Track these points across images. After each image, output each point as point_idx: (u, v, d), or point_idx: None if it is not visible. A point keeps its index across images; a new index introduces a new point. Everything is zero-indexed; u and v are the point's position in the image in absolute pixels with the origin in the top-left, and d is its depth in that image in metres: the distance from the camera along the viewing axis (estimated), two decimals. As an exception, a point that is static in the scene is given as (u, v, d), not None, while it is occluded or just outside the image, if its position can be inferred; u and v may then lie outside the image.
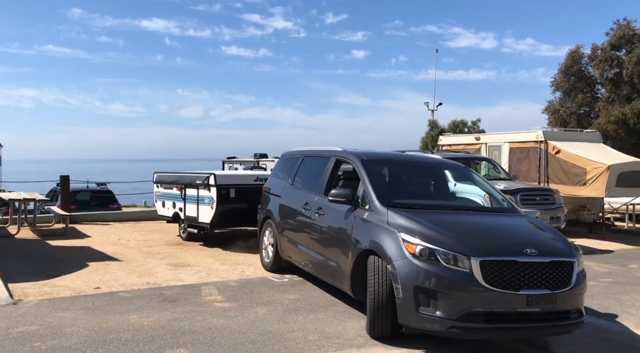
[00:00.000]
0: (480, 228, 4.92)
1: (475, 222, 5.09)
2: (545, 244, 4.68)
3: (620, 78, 24.87)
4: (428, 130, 32.95)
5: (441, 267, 4.31)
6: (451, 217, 5.15)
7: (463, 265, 4.28)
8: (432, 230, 4.61)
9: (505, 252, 4.38)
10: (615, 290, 7.14)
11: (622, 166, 11.50)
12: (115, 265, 7.92)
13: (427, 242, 4.45)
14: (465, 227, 4.85)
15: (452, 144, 15.86)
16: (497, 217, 5.43)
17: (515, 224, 5.17)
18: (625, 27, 24.85)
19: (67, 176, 13.81)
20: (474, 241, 4.50)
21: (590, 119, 26.15)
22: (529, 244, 4.49)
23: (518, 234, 4.89)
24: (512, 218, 5.38)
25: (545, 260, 4.36)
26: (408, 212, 4.98)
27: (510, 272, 4.26)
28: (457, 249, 4.36)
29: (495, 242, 4.62)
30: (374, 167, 5.94)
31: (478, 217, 5.32)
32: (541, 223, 5.41)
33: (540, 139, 12.74)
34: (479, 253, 4.32)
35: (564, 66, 26.31)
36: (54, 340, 4.62)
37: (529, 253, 4.35)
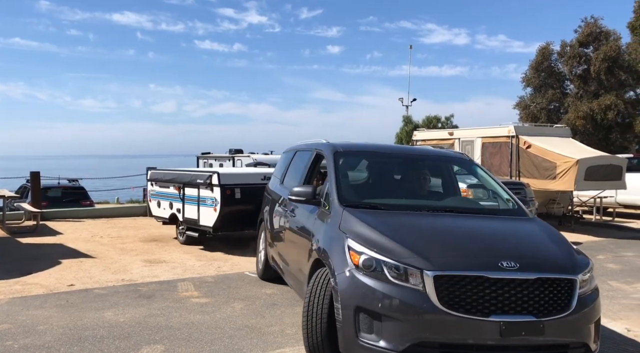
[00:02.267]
0: (454, 234, 3.95)
1: (451, 226, 4.11)
2: (535, 256, 3.74)
3: (588, 74, 25.47)
4: (402, 125, 33.31)
5: (388, 282, 3.45)
6: (424, 220, 4.19)
7: (415, 281, 3.42)
8: (386, 235, 3.73)
9: (471, 264, 3.47)
10: (583, 280, 7.34)
11: (590, 160, 11.80)
12: (89, 262, 7.81)
13: (373, 251, 3.59)
14: (434, 232, 3.94)
15: (426, 139, 16.03)
16: (488, 220, 4.37)
17: (507, 230, 4.18)
18: (592, 25, 25.44)
19: (38, 172, 13.53)
20: (433, 250, 3.59)
21: (560, 114, 26.73)
22: (509, 255, 3.56)
23: (500, 242, 3.90)
24: (508, 222, 4.38)
25: (528, 276, 3.44)
26: (366, 213, 4.15)
27: (477, 292, 3.36)
28: (409, 261, 3.48)
29: (462, 251, 3.65)
30: (348, 161, 5.18)
31: (462, 220, 4.29)
32: (549, 229, 4.28)
33: (512, 134, 12.97)
34: (435, 265, 3.43)
35: (535, 62, 26.80)
36: (26, 338, 4.55)
37: (504, 267, 3.44)
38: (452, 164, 5.62)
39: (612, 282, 7.25)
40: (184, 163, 23.36)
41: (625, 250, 9.92)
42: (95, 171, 50.57)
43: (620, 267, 8.40)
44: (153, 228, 11.32)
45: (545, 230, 4.24)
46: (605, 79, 24.62)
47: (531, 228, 4.26)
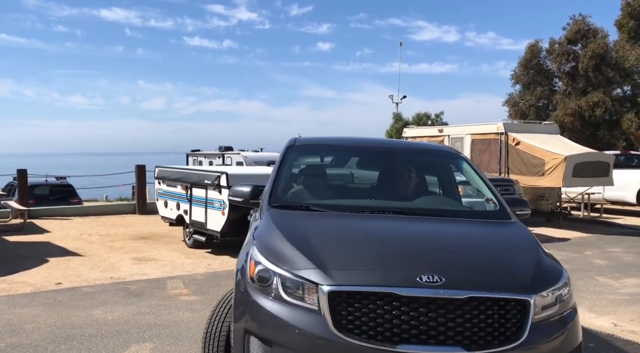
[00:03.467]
0: (383, 241, 3.19)
1: (389, 232, 3.35)
2: (478, 269, 2.91)
3: (576, 71, 25.64)
4: (393, 122, 33.34)
5: (280, 300, 2.78)
6: (360, 223, 3.47)
7: (311, 299, 2.70)
8: (291, 241, 3.04)
9: (380, 278, 2.71)
10: (571, 276, 7.38)
11: (578, 157, 11.90)
12: (77, 261, 7.75)
13: (270, 260, 2.92)
14: (358, 239, 3.20)
15: (416, 136, 16.07)
16: (449, 224, 3.58)
17: (462, 235, 3.42)
18: (580, 22, 25.61)
19: (25, 170, 13.40)
20: (339, 260, 2.88)
21: (549, 111, 26.91)
22: (438, 267, 2.78)
23: (436, 250, 3.10)
24: (475, 226, 3.62)
25: (456, 295, 2.62)
26: (288, 215, 3.51)
27: (384, 314, 2.61)
28: (305, 273, 2.77)
29: (376, 261, 2.89)
30: (302, 155, 4.56)
31: (413, 224, 3.51)
32: (521, 235, 3.46)
33: (501, 130, 13.05)
34: (333, 279, 2.69)
35: (524, 60, 26.94)
36: (13, 337, 4.51)
37: (422, 283, 2.65)
38: (436, 158, 4.72)
39: (600, 278, 7.32)
40: (174, 161, 23.22)
41: (613, 246, 10.02)
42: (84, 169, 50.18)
43: (607, 262, 8.48)
44: (142, 226, 11.26)
45: (516, 236, 3.40)
46: (593, 76, 24.80)
47: (499, 233, 3.46)
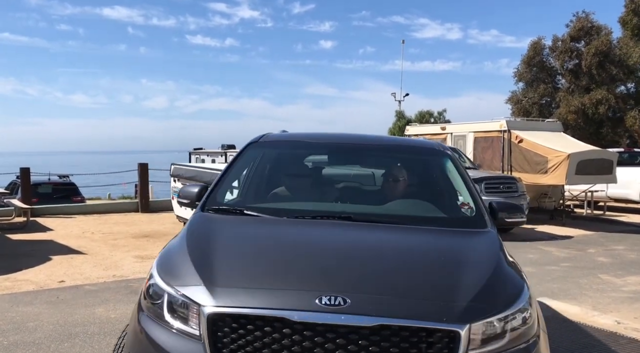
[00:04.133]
0: (303, 253, 2.71)
1: (319, 242, 2.89)
2: (401, 290, 2.37)
3: (579, 69, 25.57)
4: (395, 120, 33.33)
5: (163, 323, 2.38)
6: (292, 231, 3.03)
7: (194, 322, 2.29)
8: (192, 252, 2.64)
9: (270, 299, 2.25)
10: (574, 274, 7.40)
11: (581, 154, 11.86)
12: (79, 259, 7.76)
13: (161, 274, 2.54)
14: (276, 250, 2.75)
15: (419, 134, 16.05)
16: (399, 234, 3.03)
17: (404, 247, 2.88)
18: (584, 19, 25.53)
19: (28, 168, 13.42)
20: (232, 274, 2.46)
21: (552, 108, 26.85)
22: (345, 287, 2.29)
23: (354, 267, 2.56)
24: (433, 236, 3.05)
25: (362, 322, 2.15)
26: (209, 219, 3.14)
27: (273, 342, 2.17)
28: (189, 291, 2.35)
29: (273, 278, 2.42)
30: (266, 153, 4.09)
31: (357, 233, 3.00)
32: (484, 248, 2.89)
33: (504, 128, 13.01)
34: (217, 298, 2.27)
35: (527, 57, 26.88)
36: (16, 335, 4.51)
37: (322, 306, 2.19)
38: (417, 156, 4.14)
39: (603, 275, 7.31)
40: (177, 159, 23.26)
41: (616, 243, 9.99)
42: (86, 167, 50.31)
43: (610, 260, 8.45)
44: (145, 225, 11.27)
45: (475, 250, 2.83)
46: (597, 73, 24.73)
47: (457, 246, 2.90)
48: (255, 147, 3.99)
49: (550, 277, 7.17)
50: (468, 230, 3.16)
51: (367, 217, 3.22)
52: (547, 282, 6.84)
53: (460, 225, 3.25)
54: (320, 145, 4.14)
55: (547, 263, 8.11)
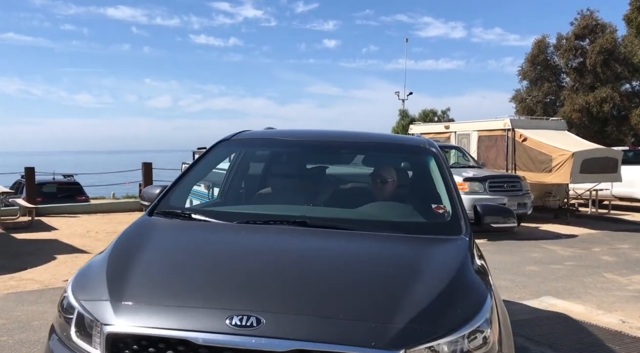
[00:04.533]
0: (222, 265, 2.40)
1: (253, 251, 2.54)
2: (329, 309, 2.04)
3: (584, 67, 25.48)
4: (399, 119, 33.29)
5: (69, 342, 2.13)
6: (233, 238, 2.72)
7: (97, 342, 2.02)
8: (111, 261, 2.40)
9: (175, 318, 1.98)
10: (578, 273, 7.38)
11: (586, 153, 11.81)
12: (84, 258, 7.79)
13: (75, 286, 2.31)
14: (199, 260, 2.44)
15: (423, 132, 16.02)
16: (354, 242, 2.69)
17: (351, 261, 2.49)
18: (588, 17, 25.43)
19: (32, 168, 13.48)
20: (138, 288, 2.17)
21: (556, 107, 26.75)
22: (261, 306, 2.00)
23: (278, 282, 2.21)
24: (394, 244, 2.69)
25: (275, 347, 1.89)
26: (150, 225, 2.89)
27: None
28: (92, 307, 2.10)
29: (184, 294, 2.13)
30: (237, 152, 3.88)
31: (303, 241, 2.68)
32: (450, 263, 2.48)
33: (508, 127, 12.98)
34: (119, 315, 2.02)
35: (531, 55, 26.80)
36: (21, 333, 4.53)
37: (232, 327, 1.92)
38: (399, 155, 3.88)
39: (608, 274, 7.28)
40: (181, 158, 23.30)
41: (621, 242, 9.96)
42: (91, 166, 50.47)
43: (615, 259, 8.43)
44: (149, 223, 11.29)
45: (436, 262, 2.47)
46: (601, 71, 24.63)
47: (417, 256, 2.54)
48: (226, 146, 3.66)
49: (554, 275, 7.15)
50: (437, 237, 2.78)
51: (324, 222, 2.83)
52: (552, 281, 6.82)
53: (430, 232, 2.87)
54: (295, 143, 3.78)
55: (552, 262, 8.09)
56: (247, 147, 3.89)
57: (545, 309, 5.50)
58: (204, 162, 3.53)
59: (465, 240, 2.72)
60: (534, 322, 5.03)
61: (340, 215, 3.07)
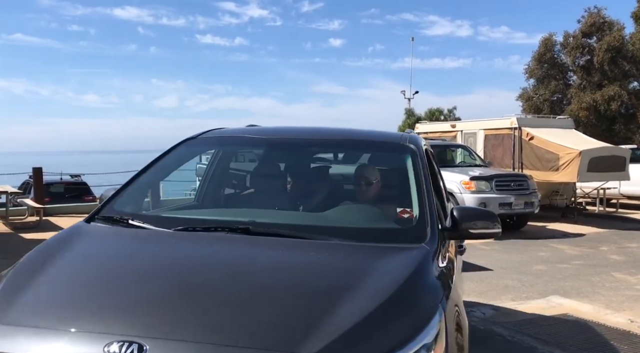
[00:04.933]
0: (124, 281, 2.10)
1: (171, 264, 2.26)
2: (223, 333, 1.75)
3: (591, 65, 25.33)
4: (405, 118, 33.27)
5: None
6: (170, 247, 2.45)
7: None
8: (16, 272, 2.24)
9: (47, 344, 1.73)
10: (586, 272, 7.34)
11: (593, 151, 11.75)
12: (91, 257, 7.83)
13: None
14: (105, 275, 2.18)
15: (429, 131, 15.99)
16: (296, 253, 2.38)
17: (279, 276, 2.18)
18: (595, 15, 25.28)
19: (40, 168, 13.55)
20: (19, 306, 1.93)
21: (563, 105, 26.62)
22: (147, 331, 1.75)
23: (177, 302, 1.92)
24: (330, 256, 2.33)
25: None
26: (80, 231, 2.64)
27: None
28: None
29: (69, 315, 1.87)
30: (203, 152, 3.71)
31: (246, 250, 2.39)
32: (388, 280, 2.09)
33: (515, 125, 12.92)
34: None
35: (537, 54, 26.67)
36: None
37: None
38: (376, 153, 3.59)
39: (616, 274, 7.24)
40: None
41: (629, 241, 9.89)
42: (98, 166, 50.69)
43: (624, 258, 8.37)
44: (156, 223, 11.33)
45: (382, 272, 2.15)
46: (609, 69, 24.48)
47: (359, 267, 2.21)
48: (191, 145, 3.35)
49: (562, 275, 7.12)
50: (392, 245, 2.41)
51: (269, 229, 2.51)
52: (559, 280, 6.79)
53: (387, 239, 2.51)
54: (263, 141, 3.48)
55: (559, 261, 8.05)
56: (214, 146, 3.59)
57: (552, 308, 5.48)
58: (163, 162, 3.21)
59: (425, 250, 2.35)
60: (541, 322, 5.01)
61: (292, 220, 2.74)
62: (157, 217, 2.83)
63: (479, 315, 5.19)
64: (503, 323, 4.95)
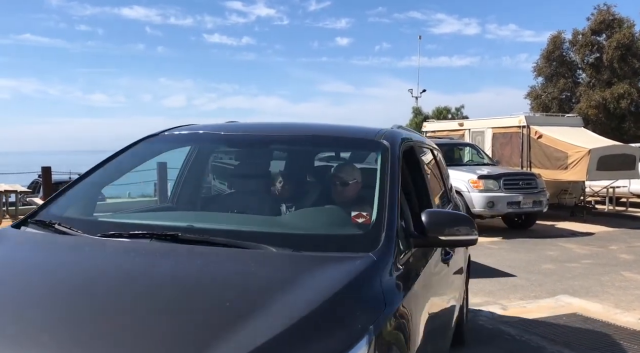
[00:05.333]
0: (25, 299, 1.82)
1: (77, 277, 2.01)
2: None
3: (600, 63, 25.15)
4: (412, 117, 33.17)
5: None
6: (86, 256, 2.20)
7: None
8: None
9: None
10: (595, 271, 7.29)
11: (602, 150, 11.67)
12: (100, 256, 7.87)
13: None
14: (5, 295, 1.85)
15: (436, 130, 15.94)
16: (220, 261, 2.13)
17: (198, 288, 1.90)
18: (605, 12, 25.09)
19: (49, 167, 13.64)
20: None
21: (572, 103, 26.45)
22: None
23: (73, 320, 1.67)
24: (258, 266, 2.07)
25: None
26: (8, 237, 2.38)
27: None
28: None
29: None
30: (164, 150, 3.30)
31: (164, 261, 2.14)
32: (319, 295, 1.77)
33: (523, 124, 12.86)
34: None
35: (546, 51, 26.51)
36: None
37: None
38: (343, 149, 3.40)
39: (625, 273, 7.19)
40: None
41: (639, 240, 9.81)
42: (107, 166, 50.71)
43: (633, 257, 8.31)
44: (163, 222, 11.38)
45: (306, 290, 1.83)
46: (619, 67, 24.29)
47: (283, 282, 1.91)
48: (151, 143, 3.07)
49: (571, 274, 7.08)
50: (333, 255, 2.08)
51: (200, 236, 2.22)
52: (568, 280, 6.75)
53: (333, 247, 2.17)
54: (224, 138, 3.20)
55: (568, 260, 8.00)
56: (174, 143, 3.27)
57: (561, 308, 5.45)
58: (115, 162, 2.91)
59: (370, 260, 2.01)
60: (550, 321, 4.98)
61: (236, 226, 2.43)
62: (86, 222, 2.54)
63: (487, 314, 5.17)
64: (511, 322, 4.93)
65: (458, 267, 3.66)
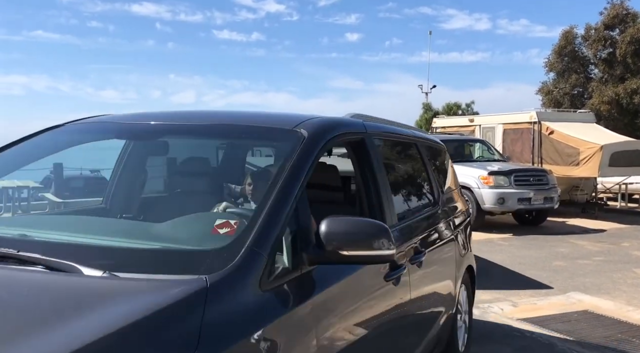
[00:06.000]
0: None
1: None
2: None
3: (613, 58, 24.86)
4: (422, 112, 33.00)
5: None
6: None
7: None
8: None
9: None
10: (607, 268, 7.23)
11: (615, 146, 11.56)
12: (110, 251, 7.93)
13: None
14: None
15: (447, 126, 15.86)
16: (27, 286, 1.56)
17: None
18: (618, 7, 24.78)
19: (60, 163, 13.76)
20: None
21: (584, 99, 26.19)
22: None
23: None
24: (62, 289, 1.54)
25: None
26: None
27: None
28: None
29: None
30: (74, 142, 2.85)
31: None
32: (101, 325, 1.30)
33: (534, 120, 12.76)
34: None
35: (558, 47, 26.24)
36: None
37: None
38: (253, 142, 2.99)
39: (638, 270, 7.12)
40: (204, 153, 23.45)
41: (652, 237, 9.72)
42: (118, 162, 51.10)
43: (646, 254, 8.23)
44: (174, 218, 11.44)
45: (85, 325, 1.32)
46: (632, 62, 23.99)
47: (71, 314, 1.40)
48: (54, 134, 2.65)
49: (582, 271, 7.02)
50: (164, 278, 1.58)
51: (39, 248, 1.71)
52: (580, 276, 6.70)
53: (170, 267, 1.66)
54: (125, 128, 2.73)
55: (579, 257, 7.94)
56: (81, 134, 2.79)
57: (572, 305, 5.41)
58: (12, 152, 2.50)
59: (197, 286, 1.51)
60: (561, 318, 4.94)
61: (83, 235, 1.93)
62: None
63: (497, 311, 5.14)
64: (522, 319, 4.90)
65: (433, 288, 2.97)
